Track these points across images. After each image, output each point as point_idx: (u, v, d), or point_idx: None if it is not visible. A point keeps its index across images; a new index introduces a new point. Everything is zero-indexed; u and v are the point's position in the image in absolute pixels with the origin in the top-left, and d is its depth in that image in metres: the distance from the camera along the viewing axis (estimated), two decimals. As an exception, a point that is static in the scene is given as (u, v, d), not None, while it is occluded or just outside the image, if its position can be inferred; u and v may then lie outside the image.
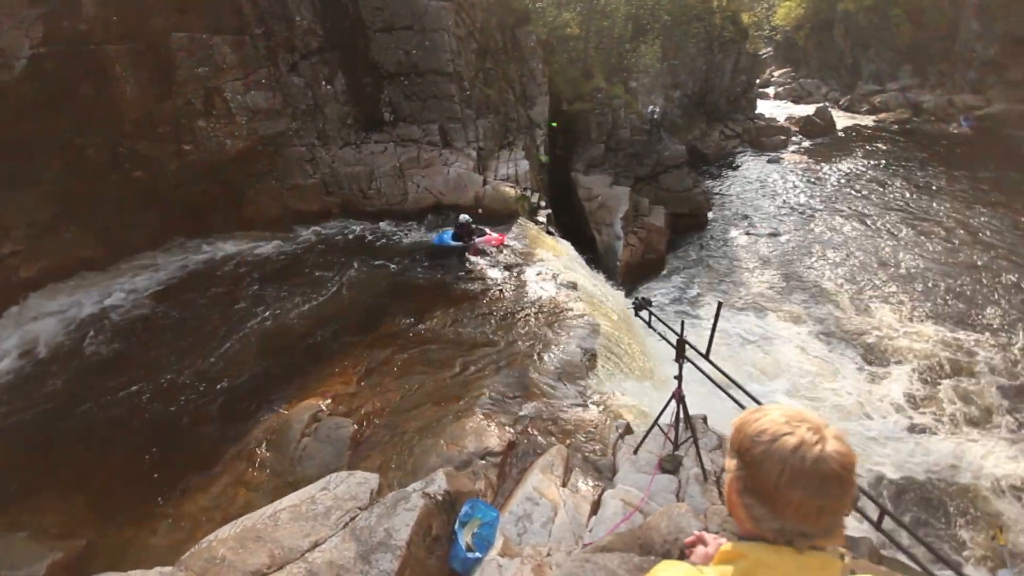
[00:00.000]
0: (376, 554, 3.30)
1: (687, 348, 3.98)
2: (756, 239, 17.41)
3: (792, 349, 11.76)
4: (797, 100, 36.38)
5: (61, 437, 6.43)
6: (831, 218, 18.48)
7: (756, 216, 19.09)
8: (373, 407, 6.34)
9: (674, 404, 4.26)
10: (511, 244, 10.62)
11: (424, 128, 13.14)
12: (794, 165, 24.23)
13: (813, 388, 10.51)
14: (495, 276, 9.55)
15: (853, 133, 28.53)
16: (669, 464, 4.52)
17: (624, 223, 15.07)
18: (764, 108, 31.66)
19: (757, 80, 32.42)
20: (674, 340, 4.02)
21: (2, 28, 8.46)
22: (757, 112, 29.52)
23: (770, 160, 24.81)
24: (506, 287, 9.18)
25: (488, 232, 10.65)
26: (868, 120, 30.57)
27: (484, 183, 12.47)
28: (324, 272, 9.94)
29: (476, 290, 9.14)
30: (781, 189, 21.51)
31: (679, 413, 4.31)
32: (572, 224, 15.38)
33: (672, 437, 4.50)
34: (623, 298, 11.04)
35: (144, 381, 7.21)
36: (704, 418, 5.10)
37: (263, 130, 11.28)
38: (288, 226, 11.53)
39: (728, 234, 17.98)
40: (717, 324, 3.82)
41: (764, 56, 39.95)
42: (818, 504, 0.93)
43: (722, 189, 21.92)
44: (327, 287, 9.46)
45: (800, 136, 28.16)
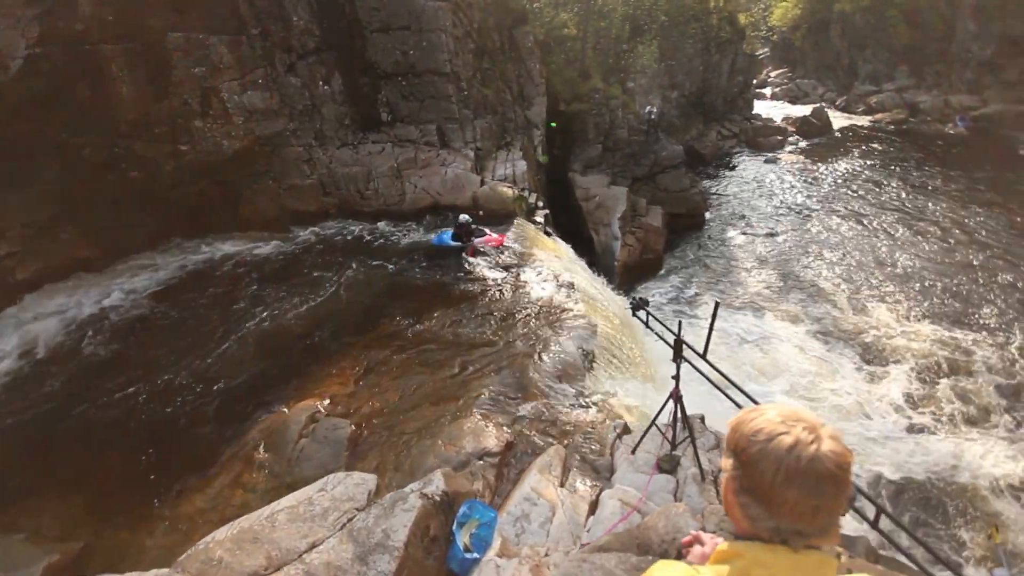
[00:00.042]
0: (374, 555, 3.30)
1: (684, 348, 3.99)
2: (753, 239, 17.45)
3: (791, 348, 11.77)
4: (794, 100, 36.48)
5: (58, 438, 6.42)
6: (828, 218, 18.53)
7: (753, 216, 19.13)
8: (371, 408, 6.33)
9: (672, 404, 4.26)
10: (510, 245, 10.62)
11: (422, 128, 13.13)
12: (791, 165, 24.30)
13: (812, 388, 10.52)
14: (493, 276, 9.55)
15: (850, 133, 28.61)
16: (667, 464, 4.52)
17: (622, 223, 15.09)
18: (761, 108, 31.75)
19: (754, 80, 32.52)
20: (671, 340, 4.02)
21: (-2, 28, 8.43)
22: (754, 112, 29.61)
23: (767, 160, 24.88)
24: (504, 287, 9.18)
25: (488, 233, 10.65)
26: (864, 120, 30.66)
27: (482, 183, 12.46)
28: (322, 273, 9.93)
29: (474, 291, 9.14)
30: (778, 189, 21.56)
31: (677, 413, 4.31)
32: (570, 224, 15.40)
33: (670, 437, 4.50)
34: (620, 299, 11.04)
35: (141, 382, 7.20)
36: (702, 418, 5.10)
37: (260, 130, 11.26)
38: (286, 226, 11.52)
39: (725, 234, 18.02)
40: (714, 324, 3.82)
41: (761, 57, 40.04)
42: (813, 503, 0.93)
43: (719, 189, 21.96)
44: (325, 288, 9.45)
45: (797, 136, 28.23)
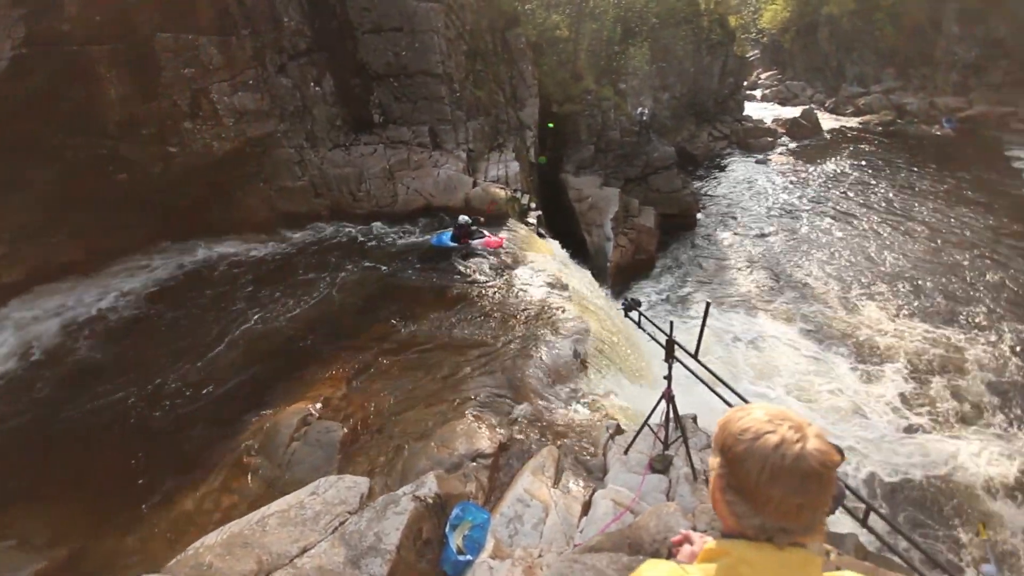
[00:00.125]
0: (366, 558, 3.28)
1: (677, 348, 4.01)
2: (744, 239, 17.58)
3: (784, 348, 11.86)
4: (783, 102, 36.83)
5: (49, 443, 6.34)
6: (818, 218, 18.72)
7: (744, 216, 19.28)
8: (363, 410, 6.30)
9: (664, 404, 4.28)
10: (504, 246, 10.63)
11: (414, 130, 13.11)
12: (781, 166, 24.53)
13: (808, 388, 10.58)
14: (486, 278, 9.55)
15: (838, 135, 28.92)
16: (659, 464, 4.54)
17: (614, 224, 15.15)
18: (751, 110, 32.03)
19: (744, 82, 32.78)
20: (663, 340, 4.04)
21: (-18, 29, 8.31)
22: (745, 114, 29.87)
23: (758, 161, 25.10)
24: (497, 289, 9.17)
25: (487, 234, 10.65)
26: (853, 122, 31.01)
27: (474, 185, 12.46)
28: (314, 274, 9.88)
29: (466, 292, 9.13)
30: (769, 190, 21.74)
31: (669, 413, 4.33)
32: (562, 225, 15.42)
33: (662, 437, 4.52)
34: (612, 300, 11.07)
35: (132, 386, 7.13)
36: (694, 418, 5.13)
37: (251, 132, 11.17)
38: (277, 228, 11.45)
39: (717, 234, 18.14)
40: (706, 324, 3.85)
41: (751, 59, 40.42)
42: (798, 501, 0.94)
43: (711, 190, 22.11)
44: (318, 290, 9.40)
45: (787, 138, 28.51)
